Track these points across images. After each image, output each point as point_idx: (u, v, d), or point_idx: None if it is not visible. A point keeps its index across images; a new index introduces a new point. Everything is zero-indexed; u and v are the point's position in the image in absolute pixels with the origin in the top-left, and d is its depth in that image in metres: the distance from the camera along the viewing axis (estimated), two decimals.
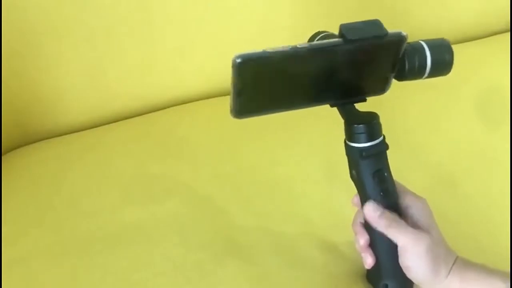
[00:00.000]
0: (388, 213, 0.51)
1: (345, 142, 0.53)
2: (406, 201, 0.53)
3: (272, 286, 0.59)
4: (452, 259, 0.52)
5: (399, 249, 0.51)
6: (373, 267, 0.54)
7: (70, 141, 0.80)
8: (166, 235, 0.64)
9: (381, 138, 0.51)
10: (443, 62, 0.49)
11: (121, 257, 0.62)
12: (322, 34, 0.53)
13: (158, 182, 0.71)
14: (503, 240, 0.65)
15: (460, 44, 0.99)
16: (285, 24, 0.88)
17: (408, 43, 0.49)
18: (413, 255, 0.50)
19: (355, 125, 0.51)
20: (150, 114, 0.85)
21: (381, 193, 0.52)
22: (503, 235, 0.66)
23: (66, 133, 0.82)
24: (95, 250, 0.63)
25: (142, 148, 0.78)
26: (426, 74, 0.50)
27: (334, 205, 0.68)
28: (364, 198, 0.53)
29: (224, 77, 0.89)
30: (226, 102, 0.95)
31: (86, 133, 0.82)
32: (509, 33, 1.01)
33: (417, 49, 0.49)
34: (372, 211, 0.52)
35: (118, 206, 0.68)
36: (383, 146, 0.52)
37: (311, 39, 0.53)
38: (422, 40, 0.50)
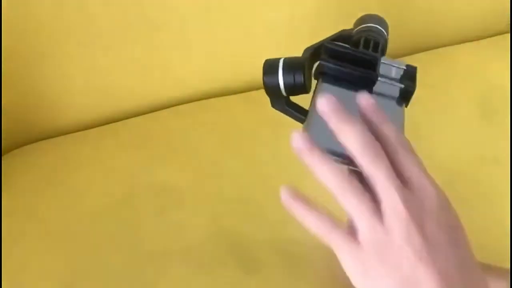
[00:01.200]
0: None
1: None
2: None
3: None
4: None
5: None
6: None
7: (70, 141, 0.80)
8: (167, 234, 0.64)
9: None
10: (386, 24, 0.56)
11: (122, 255, 0.62)
12: (285, 61, 0.51)
13: (159, 182, 0.71)
14: (503, 241, 0.65)
15: (460, 45, 0.99)
16: (285, 23, 0.88)
17: (363, 31, 0.52)
18: None
19: None
20: (150, 114, 0.85)
21: None
22: (503, 235, 0.66)
23: (66, 133, 0.82)
24: (96, 250, 0.63)
25: (142, 148, 0.78)
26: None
27: (337, 207, 0.67)
28: None
29: (224, 77, 0.90)
30: (226, 102, 0.95)
31: (87, 133, 0.82)
32: (509, 34, 1.01)
33: (379, 33, 0.54)
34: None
35: (118, 206, 0.68)
36: None
37: (268, 68, 0.51)
38: (370, 24, 0.54)
